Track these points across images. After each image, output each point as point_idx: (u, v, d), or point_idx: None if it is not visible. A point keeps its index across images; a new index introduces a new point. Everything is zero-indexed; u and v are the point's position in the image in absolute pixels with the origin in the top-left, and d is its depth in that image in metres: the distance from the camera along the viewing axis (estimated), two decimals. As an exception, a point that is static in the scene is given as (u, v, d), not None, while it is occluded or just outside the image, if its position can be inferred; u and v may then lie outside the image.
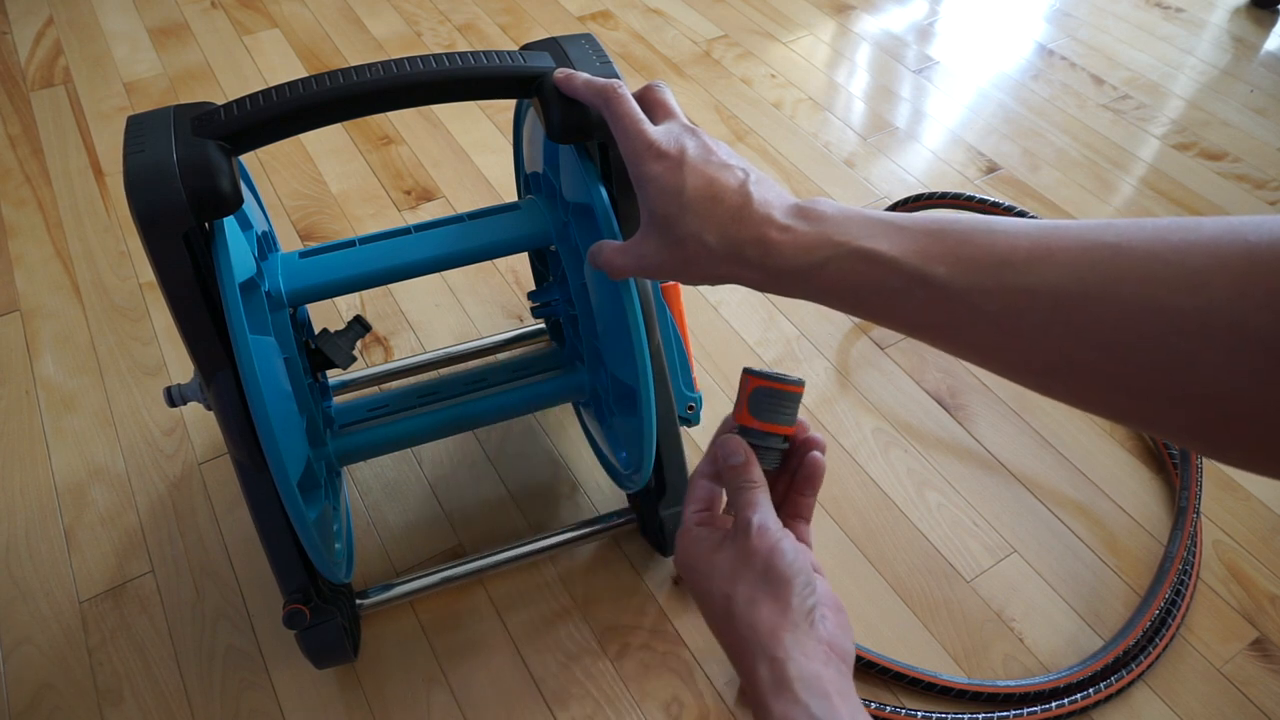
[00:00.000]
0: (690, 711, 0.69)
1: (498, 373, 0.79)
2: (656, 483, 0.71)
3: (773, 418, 0.47)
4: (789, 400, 0.47)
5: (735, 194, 0.43)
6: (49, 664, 0.72)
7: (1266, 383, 0.29)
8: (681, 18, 1.43)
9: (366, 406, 0.76)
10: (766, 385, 0.47)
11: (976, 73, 1.33)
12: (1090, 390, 0.34)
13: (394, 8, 1.45)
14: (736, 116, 1.24)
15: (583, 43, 0.58)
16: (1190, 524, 0.77)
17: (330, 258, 0.64)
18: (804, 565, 0.43)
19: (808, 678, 0.39)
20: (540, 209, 0.66)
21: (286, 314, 0.63)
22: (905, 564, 0.77)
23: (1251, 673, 0.71)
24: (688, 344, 0.75)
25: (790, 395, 0.47)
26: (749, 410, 0.47)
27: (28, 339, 0.96)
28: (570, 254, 0.66)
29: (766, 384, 0.47)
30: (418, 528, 0.81)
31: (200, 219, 0.48)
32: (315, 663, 0.67)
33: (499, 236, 0.65)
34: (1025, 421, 0.88)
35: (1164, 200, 1.12)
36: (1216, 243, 0.30)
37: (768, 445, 0.47)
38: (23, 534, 0.80)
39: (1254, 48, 1.36)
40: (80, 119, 1.24)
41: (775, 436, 0.47)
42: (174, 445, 0.87)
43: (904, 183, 1.14)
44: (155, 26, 1.40)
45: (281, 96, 0.51)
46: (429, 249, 0.64)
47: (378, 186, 1.14)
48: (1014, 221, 0.37)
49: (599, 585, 0.76)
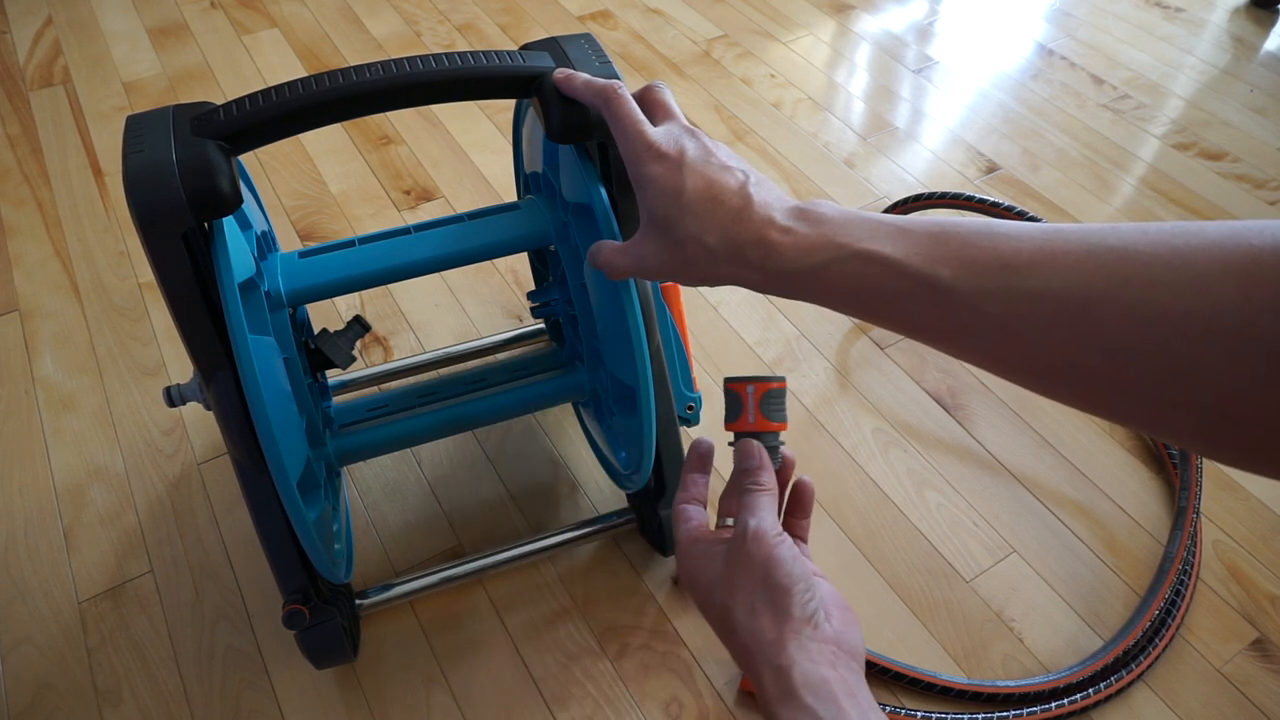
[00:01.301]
0: (690, 711, 0.69)
1: (498, 373, 0.79)
2: (656, 483, 0.71)
3: (779, 416, 0.49)
4: (784, 397, 0.49)
5: (735, 195, 0.43)
6: (48, 664, 0.72)
7: (1270, 387, 0.29)
8: (681, 18, 1.43)
9: (366, 406, 0.76)
10: (772, 387, 0.48)
11: (976, 73, 1.33)
12: (1093, 394, 0.34)
13: (394, 8, 1.44)
14: (736, 116, 1.24)
15: (582, 43, 0.58)
16: (1190, 524, 0.77)
17: (330, 258, 0.63)
18: (803, 569, 0.43)
19: (814, 683, 0.39)
20: (540, 209, 0.66)
21: (286, 314, 0.63)
22: (905, 564, 0.77)
23: (1251, 673, 0.71)
24: (687, 344, 0.75)
25: (785, 391, 0.49)
26: (762, 413, 0.48)
27: (27, 339, 0.96)
28: (570, 254, 0.66)
29: (770, 385, 0.48)
30: (417, 528, 0.81)
31: (200, 219, 0.48)
32: (315, 663, 0.67)
33: (499, 236, 0.65)
34: (1025, 421, 0.88)
35: (1164, 200, 1.12)
36: (1220, 247, 0.30)
37: (776, 445, 0.49)
38: (22, 534, 0.80)
39: (1254, 48, 1.36)
40: (79, 119, 1.24)
41: (780, 434, 0.49)
42: (173, 445, 0.86)
43: (904, 183, 1.14)
44: (154, 26, 1.40)
45: (281, 96, 0.51)
46: (429, 249, 0.64)
47: (377, 186, 1.14)
48: (1017, 225, 0.37)
49: (599, 585, 0.76)
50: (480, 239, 0.65)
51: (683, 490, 0.50)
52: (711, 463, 0.51)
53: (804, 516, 0.50)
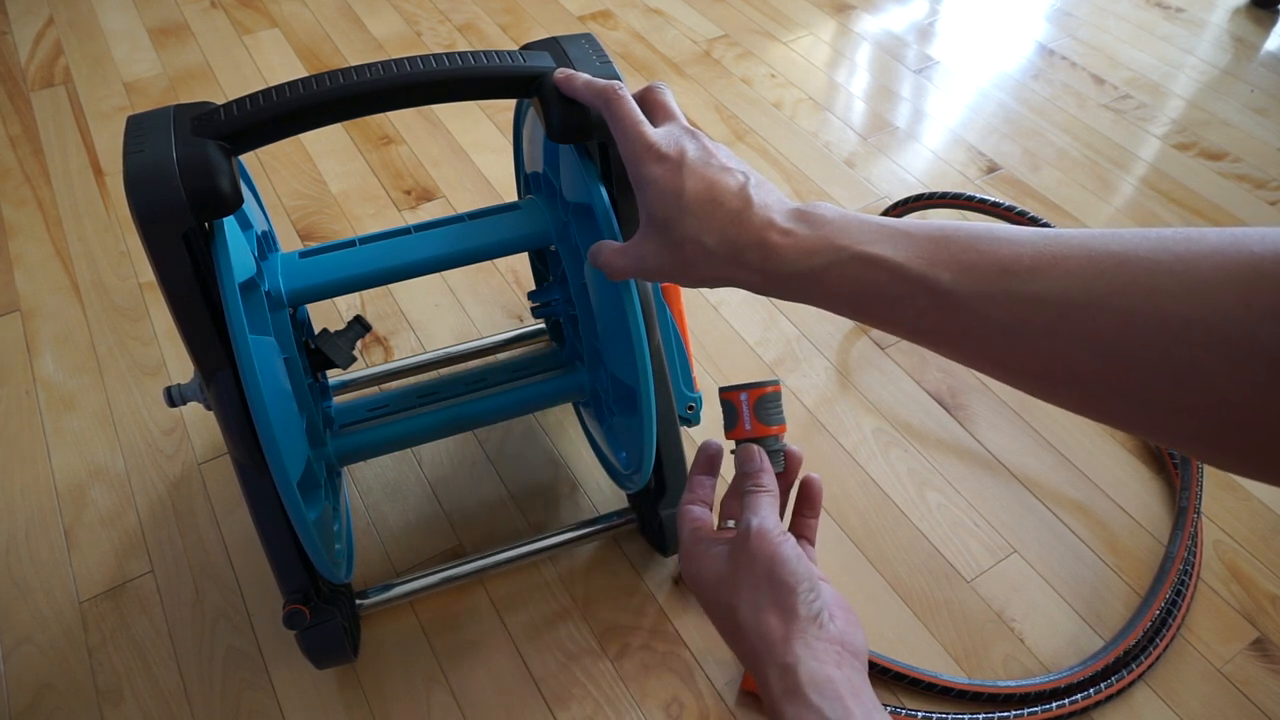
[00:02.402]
0: (690, 711, 0.69)
1: (498, 373, 0.79)
2: (656, 483, 0.71)
3: (776, 419, 0.49)
4: (779, 399, 0.50)
5: (735, 197, 0.43)
6: (49, 664, 0.72)
7: (1270, 393, 0.29)
8: (681, 17, 1.43)
9: (366, 406, 0.76)
10: (765, 392, 0.49)
11: (977, 72, 1.33)
12: (1093, 398, 0.34)
13: (394, 8, 1.44)
14: (736, 116, 1.24)
15: (583, 42, 0.58)
16: (1190, 524, 0.77)
17: (330, 257, 0.64)
18: (807, 569, 0.43)
19: (820, 681, 0.39)
20: (540, 209, 0.66)
21: (286, 314, 0.63)
22: (905, 564, 0.77)
23: (1252, 673, 0.71)
24: (688, 343, 0.75)
25: (779, 395, 0.50)
26: (758, 419, 0.49)
27: (27, 339, 0.96)
28: (570, 254, 0.66)
29: (763, 390, 0.49)
30: (418, 528, 0.81)
31: (200, 219, 0.48)
32: (315, 663, 0.67)
33: (499, 236, 0.65)
34: (1025, 421, 0.88)
35: (1164, 200, 1.12)
36: (1222, 254, 0.30)
37: (777, 448, 0.50)
38: (23, 534, 0.80)
39: (1254, 48, 1.36)
40: (80, 119, 1.24)
41: (780, 437, 0.50)
42: (174, 445, 0.87)
43: (904, 182, 1.14)
44: (155, 26, 1.40)
45: (281, 96, 0.51)
46: (429, 249, 0.64)
47: (378, 186, 1.14)
48: (1019, 229, 0.37)
49: (599, 585, 0.76)
50: (481, 239, 0.65)
51: (689, 491, 0.50)
52: (719, 465, 0.51)
53: (813, 515, 0.50)
